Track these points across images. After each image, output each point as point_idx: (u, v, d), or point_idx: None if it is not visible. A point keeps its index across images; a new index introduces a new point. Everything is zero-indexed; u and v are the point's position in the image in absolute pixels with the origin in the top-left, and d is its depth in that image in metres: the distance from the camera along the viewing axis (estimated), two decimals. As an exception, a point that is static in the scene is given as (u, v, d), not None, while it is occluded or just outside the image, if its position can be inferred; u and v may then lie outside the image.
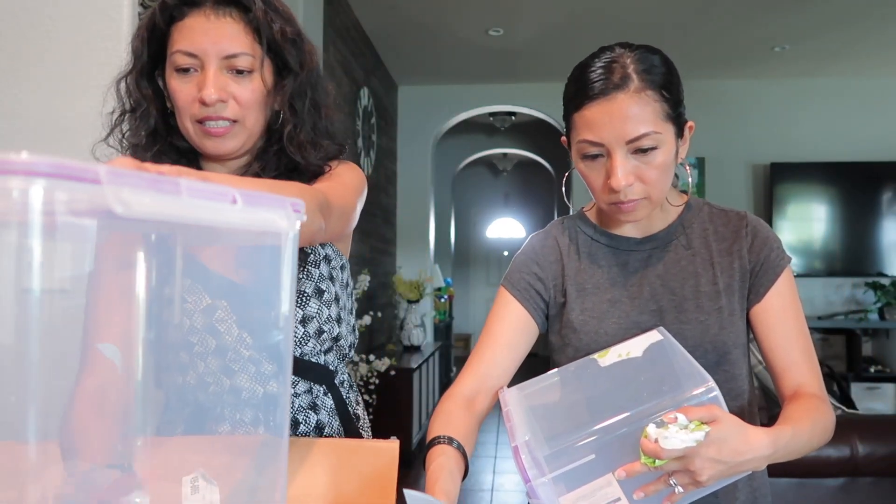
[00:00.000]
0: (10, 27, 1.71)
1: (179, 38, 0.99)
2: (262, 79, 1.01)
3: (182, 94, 0.99)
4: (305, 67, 1.05)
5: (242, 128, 1.02)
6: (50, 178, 0.39)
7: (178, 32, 0.99)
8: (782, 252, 1.06)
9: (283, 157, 1.06)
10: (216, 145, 1.01)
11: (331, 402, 1.12)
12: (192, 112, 1.00)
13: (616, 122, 0.95)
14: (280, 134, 1.05)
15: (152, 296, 0.71)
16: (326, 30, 3.70)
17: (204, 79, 0.98)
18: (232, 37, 0.99)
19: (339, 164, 1.12)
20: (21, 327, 0.41)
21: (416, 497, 0.74)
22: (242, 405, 0.96)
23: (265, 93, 1.02)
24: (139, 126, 1.04)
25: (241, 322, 0.97)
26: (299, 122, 1.05)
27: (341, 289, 1.13)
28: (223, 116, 0.99)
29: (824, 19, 4.46)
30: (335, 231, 1.04)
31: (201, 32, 0.98)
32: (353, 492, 0.89)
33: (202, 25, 0.98)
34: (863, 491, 2.11)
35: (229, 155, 1.04)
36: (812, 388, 1.00)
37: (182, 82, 0.99)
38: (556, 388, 1.01)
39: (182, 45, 0.98)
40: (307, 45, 1.06)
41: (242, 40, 1.00)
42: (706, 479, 0.82)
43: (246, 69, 1.00)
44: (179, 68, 0.99)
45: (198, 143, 1.02)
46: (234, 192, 0.55)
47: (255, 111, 1.02)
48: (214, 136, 1.00)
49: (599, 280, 1.10)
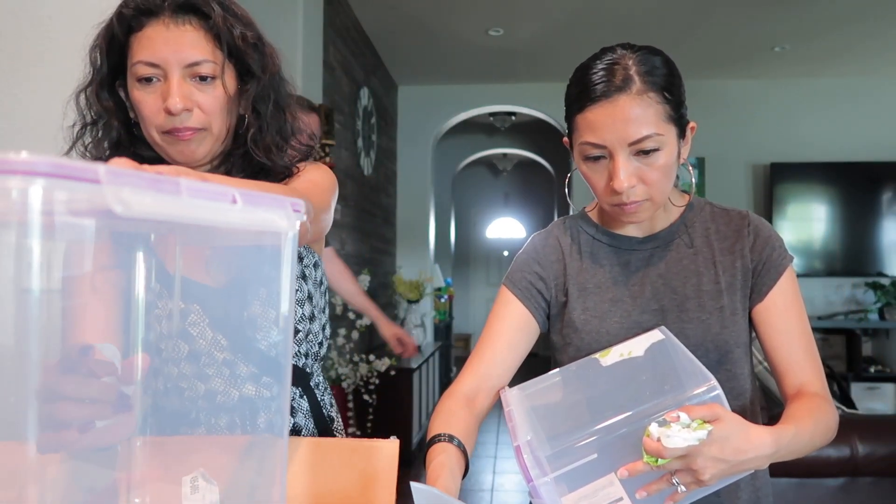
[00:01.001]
0: (9, 27, 1.70)
1: (139, 48, 0.98)
2: (224, 85, 1.01)
3: (146, 104, 0.99)
4: (268, 71, 1.05)
5: (209, 134, 1.02)
6: (49, 178, 0.38)
7: (138, 43, 0.98)
8: (784, 251, 1.06)
9: (249, 159, 1.06)
10: (184, 153, 1.01)
11: (306, 404, 1.13)
12: (158, 122, 0.99)
13: (618, 125, 0.95)
14: (245, 137, 1.05)
15: (135, 298, 0.71)
16: (326, 30, 3.70)
17: (168, 88, 0.97)
18: (193, 45, 0.98)
19: (308, 164, 1.12)
20: (20, 327, 0.41)
21: (422, 490, 0.74)
22: (217, 409, 0.96)
23: (229, 98, 1.02)
24: (102, 138, 1.04)
25: (214, 324, 0.96)
26: (264, 125, 1.06)
27: (314, 287, 1.14)
28: (189, 126, 0.99)
29: (825, 19, 4.46)
30: (317, 233, 1.05)
31: (162, 42, 0.97)
32: (353, 492, 0.89)
33: (162, 35, 0.98)
34: (863, 491, 2.11)
35: (198, 162, 1.04)
36: (815, 387, 1.00)
37: (145, 93, 0.99)
38: (557, 388, 1.01)
39: (143, 55, 0.98)
40: (268, 49, 1.06)
41: (203, 47, 0.99)
42: (709, 478, 0.82)
43: (209, 76, 0.99)
44: (141, 78, 0.98)
45: (165, 151, 1.02)
46: (234, 191, 0.55)
47: (220, 117, 1.02)
48: (182, 140, 0.99)
49: (601, 279, 1.10)
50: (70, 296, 0.83)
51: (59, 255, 0.49)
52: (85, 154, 1.05)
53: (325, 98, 3.64)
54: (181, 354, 0.96)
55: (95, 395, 0.64)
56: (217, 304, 0.97)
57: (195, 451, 0.81)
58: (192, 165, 1.03)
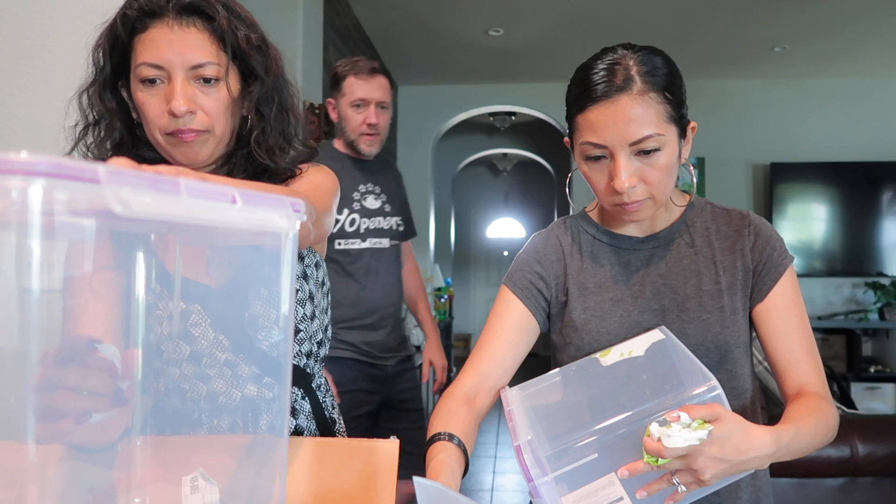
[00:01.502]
0: (9, 27, 1.70)
1: (143, 50, 0.98)
2: (228, 87, 1.01)
3: (150, 106, 0.99)
4: (271, 73, 1.05)
5: (212, 136, 1.02)
6: (49, 178, 0.38)
7: (142, 44, 0.98)
8: (785, 251, 1.06)
9: (252, 160, 1.07)
10: (187, 154, 1.01)
11: (308, 406, 1.13)
12: (162, 124, 0.99)
13: (619, 125, 0.95)
14: (248, 139, 1.06)
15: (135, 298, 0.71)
16: (326, 30, 3.70)
17: (171, 90, 0.97)
18: (197, 47, 0.98)
19: (311, 167, 1.12)
20: (20, 327, 0.41)
21: (424, 484, 0.74)
22: (219, 410, 0.96)
23: (232, 100, 1.02)
24: (104, 139, 1.04)
25: (216, 325, 0.96)
26: (267, 127, 1.06)
27: (315, 287, 1.14)
28: (192, 128, 0.99)
29: (825, 20, 4.46)
30: (319, 234, 1.05)
31: (166, 44, 0.97)
32: (353, 492, 0.89)
33: (166, 37, 0.98)
34: (863, 491, 2.11)
35: (201, 164, 1.04)
36: (815, 387, 1.00)
37: (149, 94, 0.99)
38: (557, 388, 1.01)
39: (147, 56, 0.98)
40: (272, 51, 1.07)
41: (208, 49, 0.99)
42: (709, 478, 0.82)
43: (213, 78, 1.00)
44: (145, 80, 0.98)
45: (168, 153, 1.02)
46: (234, 191, 0.55)
47: (223, 119, 1.02)
48: (185, 142, 1.00)
49: (601, 279, 1.10)
50: (70, 296, 0.83)
51: (59, 255, 0.49)
52: (87, 154, 1.05)
53: (325, 98, 3.64)
54: (183, 355, 0.96)
55: (93, 387, 0.64)
56: (218, 304, 0.97)
57: (195, 452, 0.81)
58: (195, 167, 1.04)
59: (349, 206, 2.14)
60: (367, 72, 2.09)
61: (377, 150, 2.16)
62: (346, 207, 2.14)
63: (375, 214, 2.19)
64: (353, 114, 2.09)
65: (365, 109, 2.09)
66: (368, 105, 2.08)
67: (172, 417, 0.88)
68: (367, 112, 2.08)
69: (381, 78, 2.12)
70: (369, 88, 2.09)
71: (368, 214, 2.17)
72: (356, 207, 2.15)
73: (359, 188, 2.17)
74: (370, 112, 2.08)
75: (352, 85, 2.09)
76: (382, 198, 2.22)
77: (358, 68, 2.10)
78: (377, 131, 2.12)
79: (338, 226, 2.13)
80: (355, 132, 2.11)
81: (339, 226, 2.13)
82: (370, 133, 2.11)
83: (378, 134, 2.13)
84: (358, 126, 2.09)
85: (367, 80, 2.09)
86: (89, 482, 0.73)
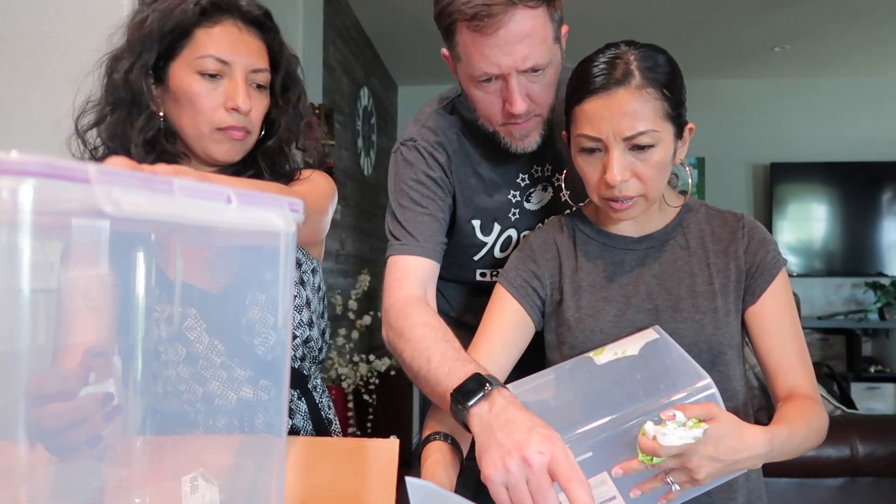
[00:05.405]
0: (10, 27, 1.71)
1: (210, 42, 0.99)
2: (269, 97, 1.06)
3: (206, 98, 1.00)
4: (301, 101, 1.11)
5: (250, 139, 1.05)
6: (40, 178, 0.38)
7: (208, 37, 1.00)
8: (778, 254, 1.06)
9: (255, 161, 1.10)
10: (229, 152, 1.03)
11: (305, 406, 1.13)
12: (216, 118, 1.00)
13: (615, 117, 0.95)
14: (260, 145, 1.09)
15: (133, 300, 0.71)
16: (326, 30, 3.70)
17: (235, 88, 1.00)
18: (258, 53, 1.03)
19: (313, 172, 1.14)
20: (11, 328, 0.41)
21: (417, 484, 0.74)
22: (215, 411, 0.96)
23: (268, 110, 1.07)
24: (143, 128, 1.00)
25: (211, 330, 0.97)
26: (282, 146, 1.11)
27: (312, 293, 1.14)
28: (245, 127, 1.02)
29: (824, 19, 4.46)
30: (311, 234, 1.06)
31: (234, 41, 1.00)
32: (353, 491, 0.89)
33: (235, 35, 1.00)
34: (863, 491, 2.10)
35: (230, 162, 1.06)
36: (806, 389, 1.01)
37: (208, 87, 1.00)
38: (551, 386, 1.01)
39: (213, 50, 0.99)
40: (303, 83, 1.12)
41: (264, 58, 1.04)
42: (703, 477, 0.82)
43: (264, 85, 1.04)
44: (206, 73, 0.99)
45: (206, 148, 1.03)
46: (230, 191, 0.55)
47: (259, 125, 1.06)
48: (233, 139, 1.02)
49: (595, 278, 1.10)
50: (64, 297, 0.84)
51: (51, 255, 0.49)
52: (114, 137, 1.02)
53: (325, 98, 3.64)
54: (179, 357, 0.96)
55: (86, 431, 0.66)
56: (214, 309, 0.97)
57: (195, 451, 0.82)
58: (225, 165, 1.06)
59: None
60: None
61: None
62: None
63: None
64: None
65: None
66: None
67: (169, 419, 0.88)
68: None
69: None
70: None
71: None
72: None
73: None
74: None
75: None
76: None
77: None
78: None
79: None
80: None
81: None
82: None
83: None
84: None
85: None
86: (89, 482, 0.73)
